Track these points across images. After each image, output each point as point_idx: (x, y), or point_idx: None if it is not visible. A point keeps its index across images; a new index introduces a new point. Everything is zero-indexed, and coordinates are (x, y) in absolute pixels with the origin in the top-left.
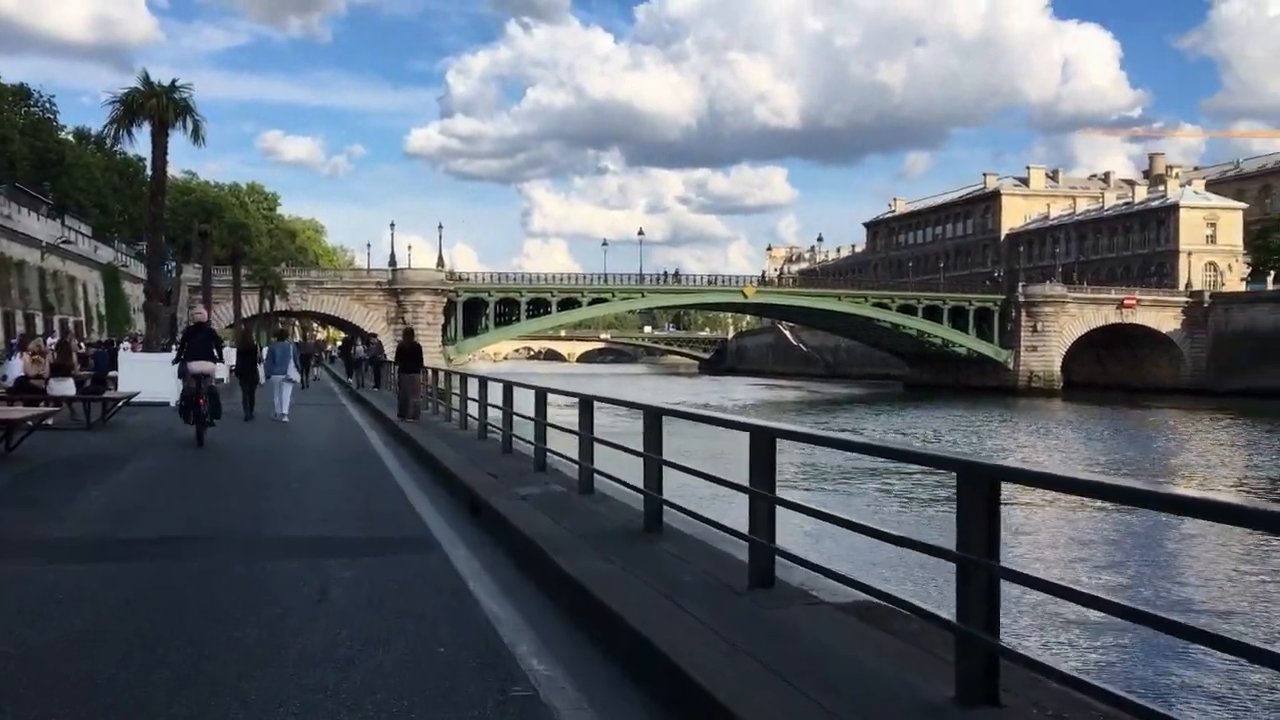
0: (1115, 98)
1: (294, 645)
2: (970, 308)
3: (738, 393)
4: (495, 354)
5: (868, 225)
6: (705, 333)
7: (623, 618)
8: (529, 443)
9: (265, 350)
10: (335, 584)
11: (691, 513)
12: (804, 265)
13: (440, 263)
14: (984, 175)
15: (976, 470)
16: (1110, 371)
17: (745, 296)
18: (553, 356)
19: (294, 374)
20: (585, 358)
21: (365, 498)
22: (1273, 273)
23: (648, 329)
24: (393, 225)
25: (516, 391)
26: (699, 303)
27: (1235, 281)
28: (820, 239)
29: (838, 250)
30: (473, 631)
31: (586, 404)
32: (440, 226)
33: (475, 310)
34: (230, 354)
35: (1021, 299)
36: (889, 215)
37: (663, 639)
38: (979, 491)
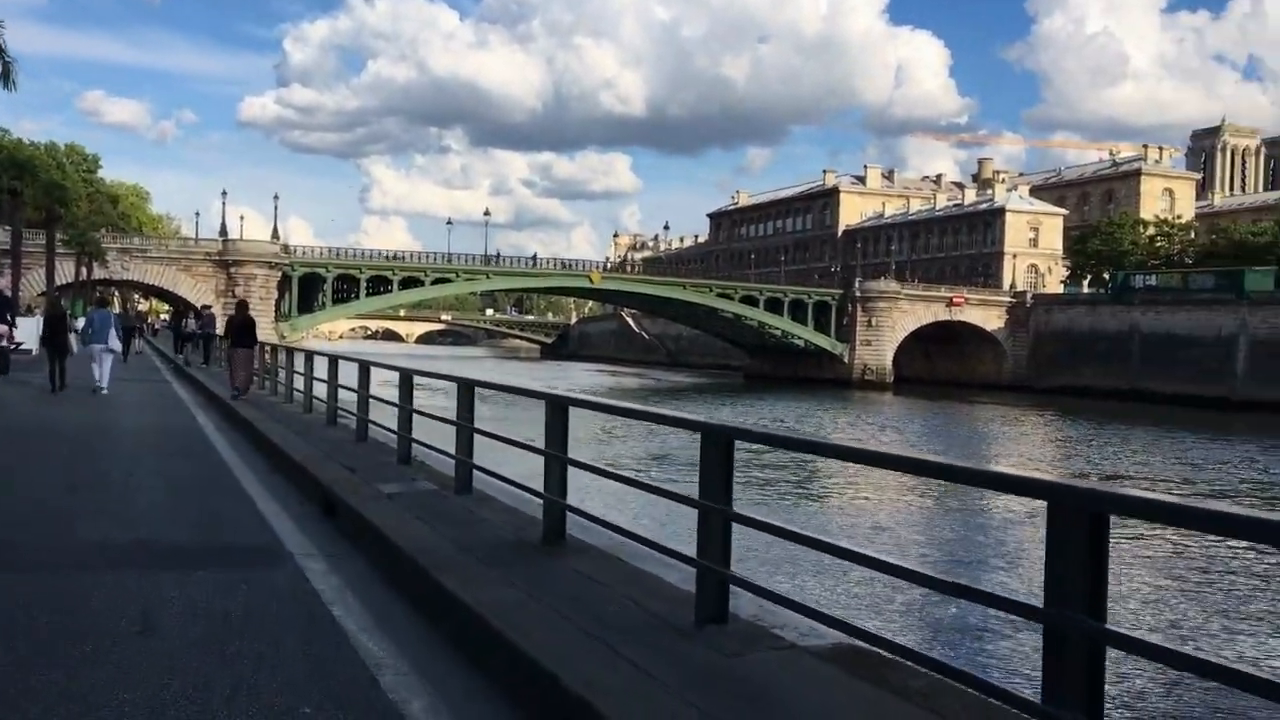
0: (944, 104)
1: (102, 711)
2: (809, 301)
3: (581, 378)
4: (330, 333)
5: (711, 216)
6: (549, 317)
7: (545, 667)
8: (389, 430)
9: (83, 319)
10: (162, 609)
11: (607, 523)
12: (648, 253)
13: (275, 235)
14: (824, 172)
15: (1076, 498)
16: (937, 367)
17: (592, 282)
18: (390, 336)
19: (115, 344)
20: (424, 339)
21: (198, 492)
22: (1089, 276)
23: (490, 311)
24: (224, 194)
25: (373, 372)
26: (545, 286)
27: (1055, 284)
28: (667, 227)
29: (681, 240)
30: (346, 682)
31: (467, 389)
32: (276, 198)
33: (312, 286)
34: (37, 322)
35: (858, 294)
36: (732, 207)
37: (609, 703)
38: (1080, 528)
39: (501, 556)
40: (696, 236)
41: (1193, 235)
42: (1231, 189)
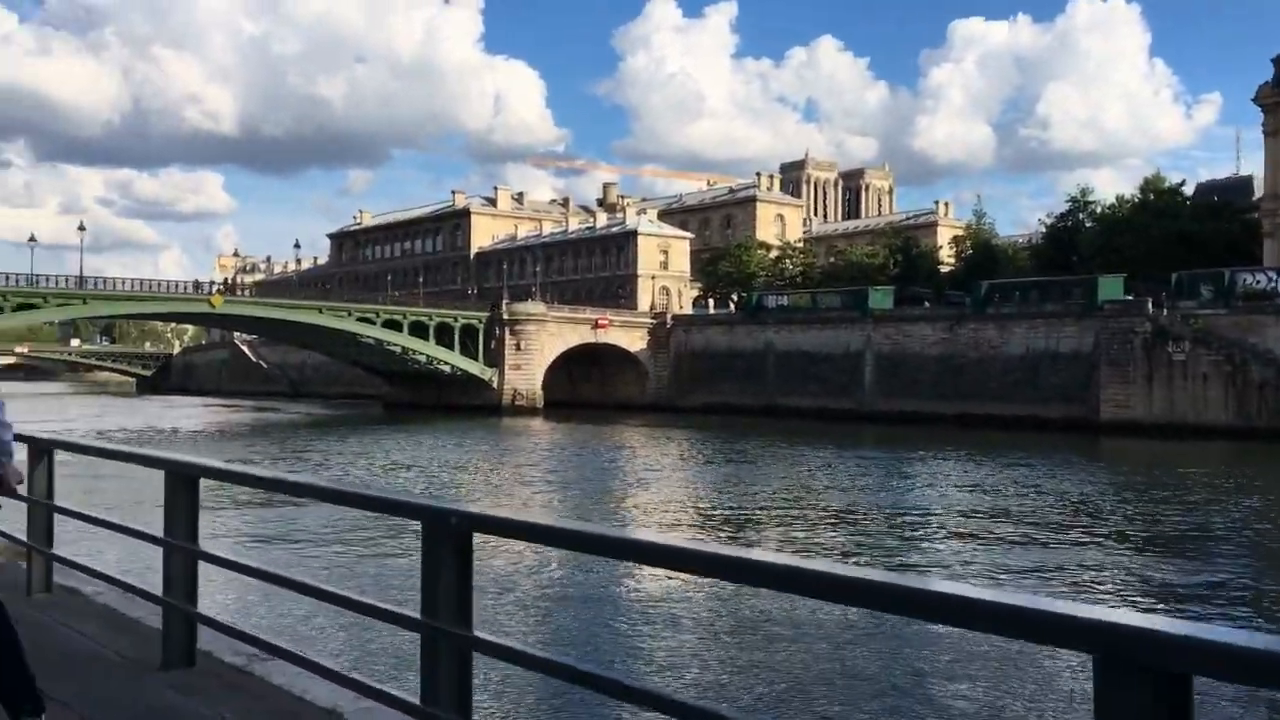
0: (542, 133)
1: None
2: (456, 324)
3: (186, 416)
4: None
5: (332, 237)
6: (146, 347)
7: None
8: None
9: None
10: None
11: (265, 642)
12: (259, 276)
13: None
14: (453, 193)
15: None
16: (580, 389)
17: (213, 306)
18: None
19: None
20: None
21: None
22: (716, 297)
23: (75, 342)
24: None
25: None
26: (157, 312)
27: (685, 304)
28: (298, 245)
29: (299, 262)
30: None
31: (41, 452)
32: None
33: None
34: None
35: (506, 316)
36: (355, 228)
37: None
38: None
39: (105, 692)
40: (316, 258)
41: (813, 257)
42: (816, 215)
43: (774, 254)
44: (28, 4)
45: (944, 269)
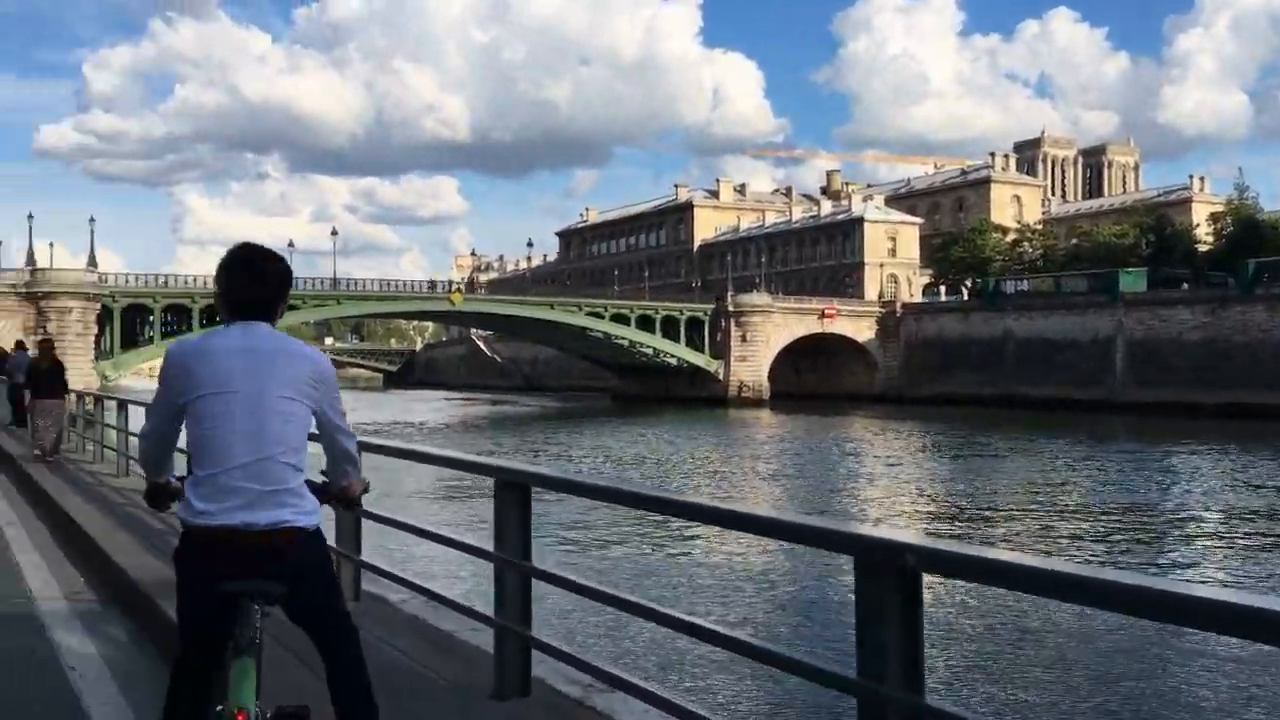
0: (760, 124)
1: None
2: (681, 317)
3: (432, 410)
4: (152, 370)
5: (561, 235)
6: (391, 344)
7: None
8: None
9: None
10: None
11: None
12: (493, 275)
13: (91, 262)
14: (675, 187)
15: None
16: (805, 381)
17: (453, 304)
18: None
19: None
20: None
21: None
22: (946, 284)
23: (329, 340)
24: (30, 217)
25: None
26: (401, 311)
27: (915, 292)
28: (530, 244)
29: (530, 260)
30: None
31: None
32: (92, 220)
33: (136, 319)
34: None
35: (731, 308)
36: (582, 225)
37: None
38: None
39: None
40: (546, 255)
41: (1053, 240)
42: (1055, 195)
43: (1010, 237)
44: (279, 24)
45: (1202, 248)
